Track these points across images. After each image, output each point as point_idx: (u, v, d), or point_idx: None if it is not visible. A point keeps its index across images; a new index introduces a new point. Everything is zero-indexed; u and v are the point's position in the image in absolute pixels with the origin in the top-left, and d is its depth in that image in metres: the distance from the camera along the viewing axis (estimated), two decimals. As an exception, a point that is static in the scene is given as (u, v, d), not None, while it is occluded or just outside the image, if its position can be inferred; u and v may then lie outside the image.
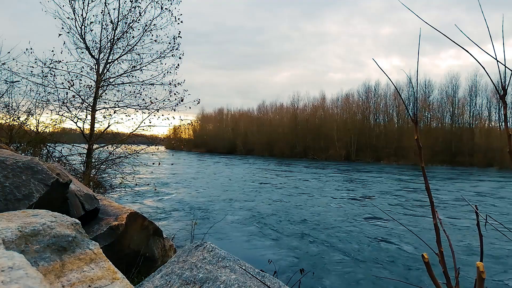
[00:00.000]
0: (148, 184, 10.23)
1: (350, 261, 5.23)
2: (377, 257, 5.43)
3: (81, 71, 6.78)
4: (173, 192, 11.96)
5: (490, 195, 13.49)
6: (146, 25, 6.99)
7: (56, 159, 6.62)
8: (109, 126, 7.15)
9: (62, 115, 6.66)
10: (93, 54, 6.82)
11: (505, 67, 0.63)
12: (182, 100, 7.17)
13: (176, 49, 7.23)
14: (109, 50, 6.88)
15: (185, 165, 25.52)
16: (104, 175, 7.33)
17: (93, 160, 6.96)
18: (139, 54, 7.14)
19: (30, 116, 6.55)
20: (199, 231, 5.89)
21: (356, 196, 12.14)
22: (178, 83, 7.25)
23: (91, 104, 6.77)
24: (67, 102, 6.61)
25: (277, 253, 5.52)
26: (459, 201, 11.10)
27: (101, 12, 6.65)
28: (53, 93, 6.55)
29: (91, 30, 6.70)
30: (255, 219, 7.94)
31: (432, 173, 24.42)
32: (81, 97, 6.69)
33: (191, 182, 15.10)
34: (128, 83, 7.19)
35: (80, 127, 6.80)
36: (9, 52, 6.00)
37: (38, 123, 6.64)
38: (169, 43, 7.14)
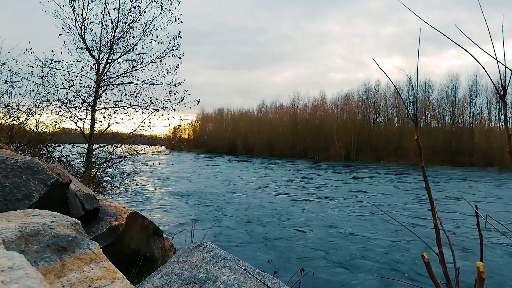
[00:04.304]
0: (148, 184, 10.22)
1: (351, 261, 5.23)
2: (378, 257, 5.43)
3: (81, 71, 6.79)
4: (173, 192, 11.96)
5: (490, 195, 13.49)
6: (146, 25, 7.01)
7: (56, 159, 6.62)
8: (109, 126, 7.16)
9: (62, 115, 6.67)
10: (93, 54, 6.83)
11: (505, 67, 0.63)
12: (182, 100, 7.18)
13: (176, 49, 7.24)
14: (109, 50, 6.89)
15: (185, 165, 25.51)
16: (104, 175, 7.33)
17: (93, 160, 6.96)
18: (139, 54, 7.15)
19: (30, 116, 6.56)
20: (199, 231, 5.89)
21: (356, 196, 12.14)
22: (178, 83, 7.25)
23: (91, 104, 6.78)
24: (67, 102, 6.62)
25: (277, 253, 5.51)
26: (459, 201, 11.10)
27: (101, 12, 6.66)
28: (53, 93, 6.57)
29: (91, 30, 6.72)
30: (255, 219, 7.94)
31: (432, 173, 24.41)
32: (81, 97, 6.70)
33: (191, 182, 15.10)
34: (128, 83, 7.19)
35: (80, 127, 6.81)
36: (9, 52, 6.02)
37: (38, 123, 6.65)
38: (169, 43, 7.16)
